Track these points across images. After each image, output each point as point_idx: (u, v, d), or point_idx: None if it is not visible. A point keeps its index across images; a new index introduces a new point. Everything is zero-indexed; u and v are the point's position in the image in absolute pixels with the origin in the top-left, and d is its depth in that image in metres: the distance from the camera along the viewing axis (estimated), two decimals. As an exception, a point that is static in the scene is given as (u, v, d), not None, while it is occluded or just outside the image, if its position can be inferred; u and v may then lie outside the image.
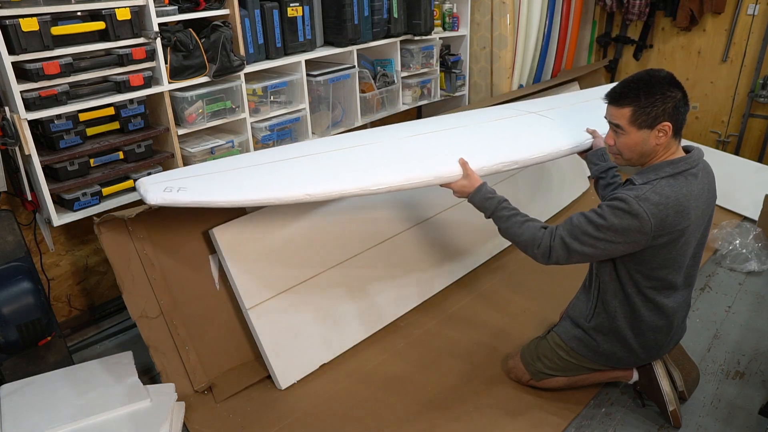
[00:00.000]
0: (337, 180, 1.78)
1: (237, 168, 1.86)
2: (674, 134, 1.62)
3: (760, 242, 2.82)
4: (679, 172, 1.61)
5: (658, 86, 1.58)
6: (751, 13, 3.41)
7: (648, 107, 1.58)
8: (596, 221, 1.61)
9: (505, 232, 1.77)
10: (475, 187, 1.83)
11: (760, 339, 2.27)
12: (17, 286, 1.89)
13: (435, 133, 2.22)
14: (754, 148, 3.62)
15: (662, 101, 1.57)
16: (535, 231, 1.70)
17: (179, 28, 2.17)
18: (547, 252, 1.68)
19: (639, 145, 1.63)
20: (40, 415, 1.73)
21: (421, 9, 2.93)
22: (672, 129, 1.59)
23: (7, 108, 1.86)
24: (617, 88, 1.65)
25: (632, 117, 1.60)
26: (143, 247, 1.99)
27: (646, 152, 1.65)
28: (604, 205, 1.62)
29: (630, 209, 1.55)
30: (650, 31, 3.85)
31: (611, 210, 1.59)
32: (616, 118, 1.64)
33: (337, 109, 2.87)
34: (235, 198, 1.67)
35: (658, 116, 1.58)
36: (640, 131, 1.61)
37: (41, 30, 1.79)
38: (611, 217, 1.58)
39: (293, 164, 1.90)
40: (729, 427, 1.87)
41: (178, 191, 1.66)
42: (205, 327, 2.09)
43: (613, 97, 1.65)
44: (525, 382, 2.01)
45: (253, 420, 1.94)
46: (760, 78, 3.46)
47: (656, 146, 1.62)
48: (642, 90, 1.58)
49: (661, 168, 1.62)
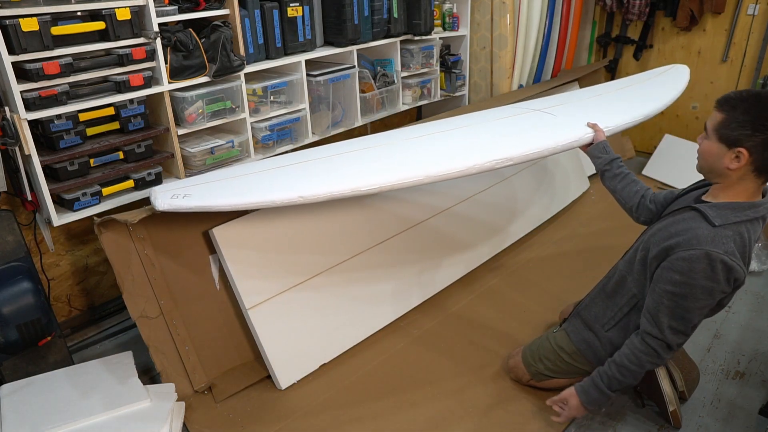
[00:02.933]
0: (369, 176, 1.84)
1: (244, 174, 1.96)
2: (755, 170, 1.50)
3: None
4: (758, 217, 1.54)
5: (763, 112, 1.45)
6: (751, 13, 3.41)
7: (736, 124, 1.47)
8: (684, 292, 1.52)
9: (631, 381, 1.66)
10: (578, 404, 1.72)
11: (760, 339, 2.27)
12: (17, 286, 1.89)
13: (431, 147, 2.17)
14: (754, 148, 3.62)
15: (753, 128, 1.44)
16: (636, 353, 1.61)
17: (179, 28, 2.17)
18: (664, 347, 1.59)
19: (711, 157, 1.54)
20: (40, 415, 1.73)
21: (421, 9, 2.93)
22: (750, 161, 1.47)
23: (7, 108, 1.86)
24: (731, 93, 1.55)
25: (720, 125, 1.51)
26: (143, 247, 1.99)
27: (716, 170, 1.55)
28: (683, 268, 1.50)
29: (720, 267, 1.47)
30: (650, 31, 3.85)
31: (699, 272, 1.49)
32: (710, 119, 1.56)
33: (337, 109, 2.87)
34: (233, 202, 1.73)
35: (740, 139, 1.47)
36: (719, 144, 1.52)
37: (41, 30, 1.79)
38: (699, 280, 1.49)
39: (302, 168, 1.97)
40: (729, 427, 1.87)
41: (183, 198, 1.76)
42: (205, 327, 2.09)
43: (721, 99, 1.55)
44: (525, 382, 2.01)
45: (253, 420, 1.94)
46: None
47: (728, 170, 1.52)
48: (744, 105, 1.48)
49: (742, 210, 1.52)
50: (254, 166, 2.06)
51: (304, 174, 1.91)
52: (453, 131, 2.30)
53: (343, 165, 1.99)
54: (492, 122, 2.40)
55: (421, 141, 2.20)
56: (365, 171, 1.89)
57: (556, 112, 2.45)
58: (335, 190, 1.74)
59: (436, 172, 1.84)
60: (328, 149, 2.19)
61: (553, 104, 2.62)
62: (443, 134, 2.27)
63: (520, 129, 2.28)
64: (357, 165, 1.98)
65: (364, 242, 2.34)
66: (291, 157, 2.15)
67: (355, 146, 2.18)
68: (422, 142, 2.18)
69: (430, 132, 2.31)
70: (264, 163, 2.08)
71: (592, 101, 2.67)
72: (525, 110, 2.52)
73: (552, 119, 2.36)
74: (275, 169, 1.98)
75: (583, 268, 2.77)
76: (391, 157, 2.04)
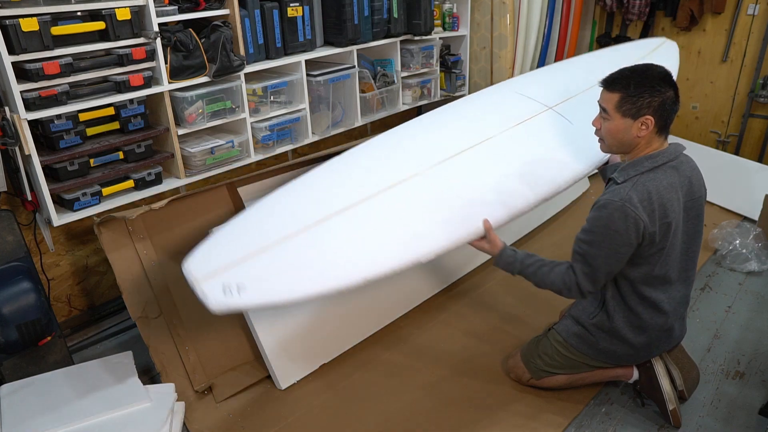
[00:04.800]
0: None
1: (283, 238, 1.69)
2: (658, 130, 1.66)
3: (760, 242, 2.82)
4: (657, 165, 1.65)
5: (651, 80, 1.61)
6: (751, 13, 3.41)
7: (635, 97, 1.61)
8: (590, 239, 1.65)
9: (537, 285, 1.80)
10: (496, 252, 1.83)
11: (760, 339, 2.27)
12: (17, 286, 1.88)
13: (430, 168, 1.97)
14: (754, 148, 3.62)
15: (650, 94, 1.60)
16: (563, 276, 1.73)
17: (179, 28, 2.17)
18: (577, 289, 1.71)
19: (620, 133, 1.67)
20: (40, 415, 1.73)
21: (421, 9, 2.93)
22: (655, 124, 1.63)
23: (7, 108, 1.86)
24: (614, 73, 1.69)
25: (618, 103, 1.64)
26: (143, 247, 1.99)
27: (625, 142, 1.69)
28: (590, 219, 1.66)
29: (617, 215, 1.59)
30: (650, 31, 3.84)
31: (599, 222, 1.64)
32: (605, 101, 1.69)
33: (337, 109, 2.87)
34: (297, 295, 1.62)
35: (642, 108, 1.61)
36: (624, 119, 1.64)
37: (41, 30, 1.79)
38: (601, 229, 1.62)
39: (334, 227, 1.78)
40: (729, 427, 1.87)
41: (238, 292, 1.55)
42: (205, 327, 2.09)
43: (607, 80, 1.69)
44: (525, 382, 2.01)
45: (253, 420, 1.94)
46: (760, 78, 3.46)
47: (637, 138, 1.66)
48: (634, 79, 1.62)
49: (640, 163, 1.66)
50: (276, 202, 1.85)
51: (363, 229, 1.77)
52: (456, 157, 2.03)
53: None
54: (499, 136, 2.13)
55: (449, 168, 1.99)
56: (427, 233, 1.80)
57: (569, 114, 2.27)
58: (403, 263, 1.72)
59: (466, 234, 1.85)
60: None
61: (560, 94, 2.38)
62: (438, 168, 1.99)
63: (531, 157, 2.06)
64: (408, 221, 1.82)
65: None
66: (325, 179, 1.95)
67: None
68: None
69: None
70: (285, 197, 1.87)
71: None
72: (538, 108, 2.28)
73: (568, 128, 2.20)
74: (316, 225, 1.74)
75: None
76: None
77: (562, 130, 2.19)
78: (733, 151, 3.65)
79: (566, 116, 2.25)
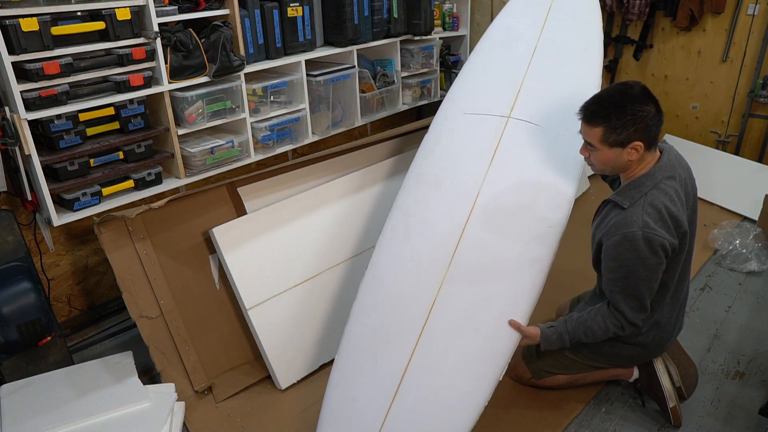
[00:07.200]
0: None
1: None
2: (647, 149, 1.62)
3: (760, 242, 2.82)
4: (658, 182, 1.64)
5: (630, 105, 1.56)
6: (751, 13, 3.41)
7: (619, 128, 1.57)
8: (624, 273, 1.63)
9: (595, 340, 1.76)
10: (539, 341, 1.78)
11: (760, 339, 2.27)
12: (17, 286, 1.89)
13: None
14: (754, 148, 3.61)
15: (633, 122, 1.56)
16: (609, 320, 1.70)
17: (179, 28, 2.17)
18: (630, 325, 1.70)
19: (611, 161, 1.65)
20: (40, 415, 1.73)
21: (421, 9, 2.93)
22: (644, 146, 1.60)
23: (7, 108, 1.86)
24: (590, 105, 1.63)
25: (603, 136, 1.60)
26: (143, 247, 1.99)
27: (618, 166, 1.68)
28: (614, 256, 1.63)
29: (642, 244, 1.58)
30: (650, 31, 3.84)
31: (626, 255, 1.60)
32: (589, 137, 1.64)
33: (337, 109, 2.87)
34: None
35: (629, 136, 1.58)
36: (612, 149, 1.62)
37: (41, 30, 1.79)
38: (631, 261, 1.60)
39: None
40: (729, 427, 1.87)
41: None
42: (205, 327, 2.09)
43: (586, 114, 1.63)
44: (526, 381, 2.01)
45: (253, 420, 1.94)
46: (760, 78, 3.45)
47: (629, 161, 1.64)
48: (613, 110, 1.57)
49: (641, 184, 1.65)
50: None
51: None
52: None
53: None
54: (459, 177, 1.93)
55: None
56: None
57: (529, 114, 2.03)
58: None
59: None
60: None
61: (507, 92, 2.11)
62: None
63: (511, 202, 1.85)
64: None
65: (364, 243, 2.34)
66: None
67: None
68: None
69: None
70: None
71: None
72: (497, 123, 2.02)
73: (538, 133, 1.96)
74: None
75: (582, 268, 2.76)
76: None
77: (534, 140, 1.96)
78: (733, 151, 3.65)
79: (530, 120, 2.02)
